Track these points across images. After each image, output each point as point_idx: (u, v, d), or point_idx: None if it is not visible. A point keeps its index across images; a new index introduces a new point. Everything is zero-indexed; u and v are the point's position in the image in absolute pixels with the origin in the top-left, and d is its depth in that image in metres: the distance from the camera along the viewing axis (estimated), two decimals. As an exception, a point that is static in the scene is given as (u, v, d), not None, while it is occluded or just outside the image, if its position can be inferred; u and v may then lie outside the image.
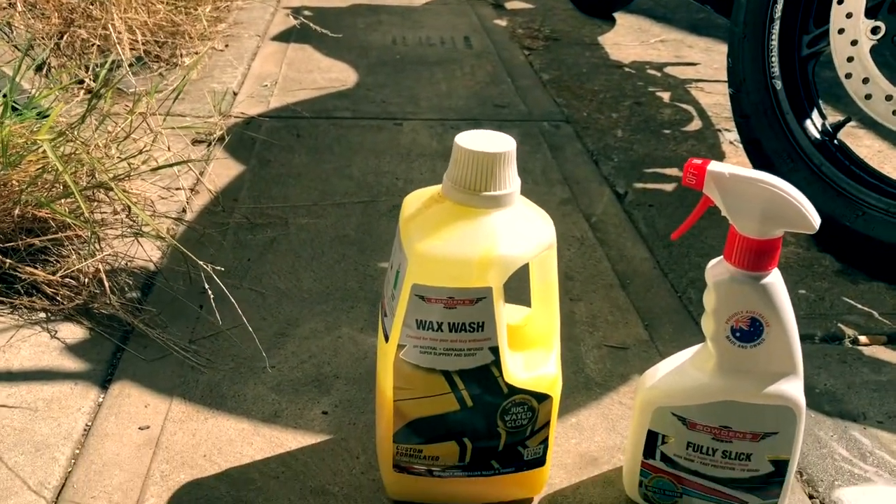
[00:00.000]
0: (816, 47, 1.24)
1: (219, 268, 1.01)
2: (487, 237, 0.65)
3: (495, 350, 0.68)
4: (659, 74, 2.01)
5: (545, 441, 0.73)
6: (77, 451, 0.80)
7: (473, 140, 0.66)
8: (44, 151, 1.03)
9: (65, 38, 1.61)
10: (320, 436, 0.83)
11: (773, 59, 1.26)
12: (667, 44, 2.26)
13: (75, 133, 1.05)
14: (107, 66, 1.21)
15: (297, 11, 2.33)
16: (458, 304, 0.65)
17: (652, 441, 0.73)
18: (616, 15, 2.51)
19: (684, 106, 1.79)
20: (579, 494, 0.78)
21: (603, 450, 0.83)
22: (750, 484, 0.72)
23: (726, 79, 1.33)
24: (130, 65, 1.59)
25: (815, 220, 0.63)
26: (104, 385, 0.89)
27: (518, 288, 0.73)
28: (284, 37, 2.11)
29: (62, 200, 1.03)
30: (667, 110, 1.76)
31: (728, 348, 0.68)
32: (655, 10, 2.59)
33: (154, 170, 1.12)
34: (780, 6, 1.25)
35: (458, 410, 0.70)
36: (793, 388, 0.68)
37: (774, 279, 0.66)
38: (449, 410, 0.70)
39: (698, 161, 0.66)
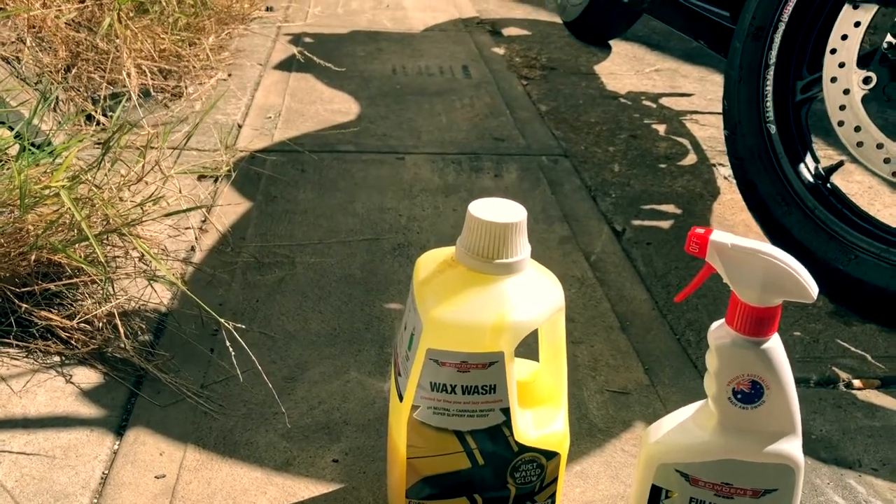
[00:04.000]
0: (810, 92, 1.27)
1: (228, 308, 1.04)
2: (500, 304, 0.68)
3: (506, 411, 0.70)
4: (654, 105, 2.04)
5: (553, 496, 0.76)
6: (95, 501, 0.82)
7: (486, 209, 0.69)
8: (58, 195, 1.05)
9: (73, 71, 1.63)
10: (332, 485, 0.86)
11: (768, 103, 1.29)
12: (661, 73, 2.30)
13: (89, 177, 1.07)
14: (121, 106, 1.24)
15: (297, 39, 2.36)
16: (471, 367, 0.68)
17: (655, 496, 0.76)
18: (612, 43, 2.55)
19: (679, 139, 1.83)
20: (584, 544, 0.81)
21: (607, 498, 0.86)
22: (750, 537, 0.75)
23: (721, 117, 1.36)
24: (137, 97, 1.62)
25: (813, 290, 0.66)
26: (119, 432, 0.91)
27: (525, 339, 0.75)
28: (286, 65, 2.14)
29: (76, 245, 1.05)
30: (662, 143, 1.80)
31: (730, 409, 0.71)
32: (651, 37, 2.63)
33: (167, 215, 1.15)
34: (774, 53, 1.28)
35: (469, 468, 0.72)
36: (792, 447, 0.71)
37: (774, 344, 0.69)
38: (461, 468, 0.72)
39: (701, 231, 0.69)
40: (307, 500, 0.84)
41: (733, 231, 1.41)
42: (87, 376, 0.99)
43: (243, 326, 1.05)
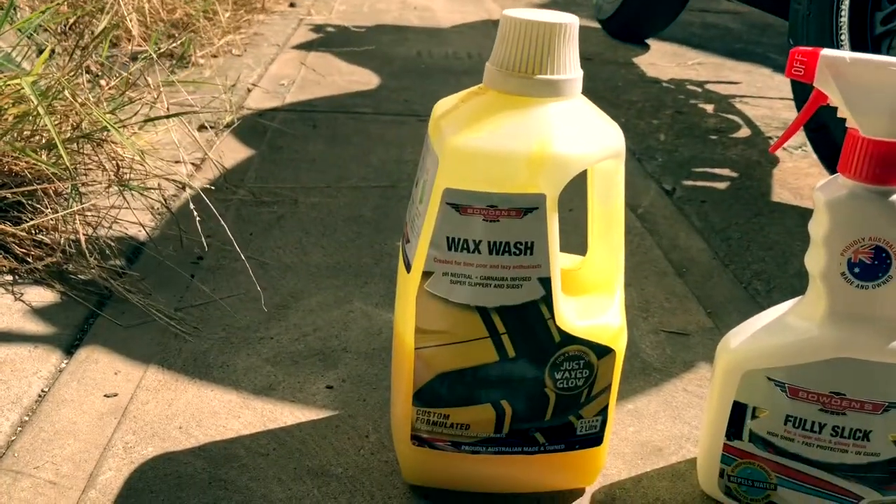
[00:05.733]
0: (892, 24, 1.11)
1: (217, 238, 0.88)
2: (541, 130, 0.51)
3: (546, 282, 0.53)
4: (700, 90, 1.89)
5: (604, 412, 0.58)
6: (26, 419, 0.66)
7: (526, 13, 0.53)
8: (26, 101, 0.91)
9: (71, 22, 1.52)
10: (323, 412, 0.68)
11: (843, 37, 1.13)
12: (705, 66, 2.15)
13: (62, 84, 0.93)
14: (102, 25, 1.10)
15: (319, 28, 2.25)
16: (501, 215, 0.51)
17: (739, 416, 0.58)
18: (650, 41, 2.41)
19: (730, 116, 1.66)
20: (642, 488, 0.62)
21: (668, 439, 0.68)
22: (867, 472, 0.56)
23: (774, 102, 1.20)
24: (134, 57, 1.49)
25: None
26: (70, 350, 0.75)
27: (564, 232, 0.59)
28: (305, 46, 2.02)
29: (42, 153, 0.90)
30: (711, 119, 1.64)
31: (844, 289, 0.53)
32: (690, 38, 2.49)
33: (149, 121, 1.00)
34: (849, -19, 1.13)
35: (496, 362, 0.55)
36: (928, 341, 0.53)
37: (906, 197, 0.52)
38: (485, 362, 0.55)
39: (807, 48, 0.53)
40: (291, 426, 0.66)
41: (799, 194, 1.24)
42: (41, 295, 0.83)
43: (230, 254, 0.89)
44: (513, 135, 0.51)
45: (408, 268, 0.55)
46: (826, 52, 0.52)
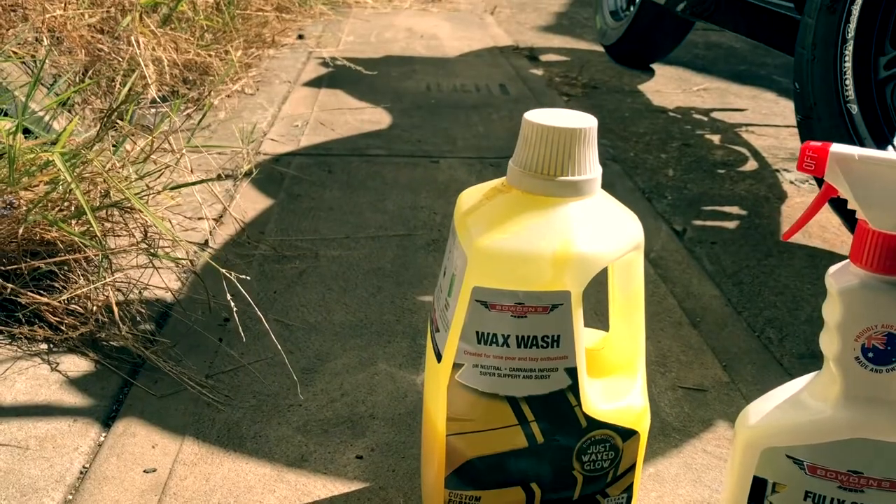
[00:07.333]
0: (895, 69, 1.14)
1: (246, 295, 0.91)
2: (564, 230, 0.54)
3: (573, 372, 0.56)
4: (706, 119, 1.91)
5: (629, 489, 0.61)
6: (70, 497, 0.68)
7: (547, 116, 0.55)
8: (55, 170, 0.94)
9: (90, 72, 1.55)
10: (354, 483, 0.71)
11: (848, 81, 1.15)
12: (710, 91, 2.17)
13: (90, 153, 0.96)
14: (127, 86, 1.13)
15: (328, 62, 2.28)
16: (528, 311, 0.54)
17: (759, 491, 0.60)
18: (654, 66, 2.44)
19: (736, 147, 1.69)
20: (666, 557, 0.65)
21: (690, 504, 0.70)
22: (885, 545, 0.58)
23: (780, 129, 1.23)
24: (153, 101, 1.52)
25: (971, 208, 0.51)
26: (107, 423, 0.78)
27: (588, 305, 0.61)
28: (316, 83, 2.05)
29: (72, 222, 0.93)
30: (718, 151, 1.66)
31: (858, 373, 0.56)
32: (695, 62, 2.52)
33: (174, 188, 1.03)
34: (853, 26, 1.15)
35: (525, 448, 0.57)
36: (941, 422, 0.56)
37: (916, 285, 0.54)
38: (514, 448, 0.57)
39: (817, 143, 0.55)
40: (324, 499, 0.69)
41: (808, 233, 1.26)
42: (76, 364, 0.85)
43: (258, 314, 0.91)
44: (537, 235, 0.54)
45: (438, 357, 0.58)
46: (836, 148, 0.54)
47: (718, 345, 0.95)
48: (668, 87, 2.22)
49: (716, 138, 1.75)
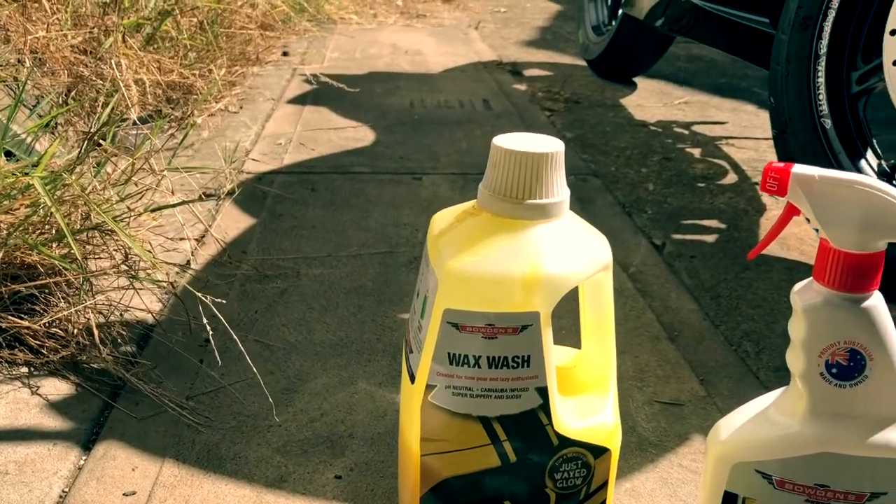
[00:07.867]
0: (867, 84, 1.16)
1: (222, 319, 0.91)
2: (533, 252, 0.55)
3: (543, 391, 0.56)
4: (686, 132, 1.93)
5: (602, 505, 0.61)
6: (49, 522, 0.69)
7: (515, 141, 0.56)
8: (36, 194, 0.95)
9: (72, 93, 1.56)
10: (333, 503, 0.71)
11: (821, 96, 1.17)
12: (691, 105, 2.19)
13: (70, 176, 0.96)
14: (108, 108, 1.14)
15: (312, 79, 2.30)
16: (499, 332, 0.55)
17: (730, 505, 0.61)
18: (636, 80, 2.46)
19: (716, 161, 1.71)
20: (641, 572, 0.65)
21: (665, 519, 0.71)
22: (853, 558, 0.59)
23: (759, 142, 1.25)
24: (135, 122, 1.53)
25: (928, 226, 0.53)
26: (87, 446, 0.78)
27: (559, 325, 0.62)
28: (300, 100, 2.06)
29: (53, 245, 0.94)
30: (699, 165, 1.68)
31: (822, 388, 0.57)
32: (677, 74, 2.54)
33: (155, 210, 1.03)
34: (825, 42, 1.17)
35: (498, 467, 0.58)
36: (904, 436, 0.57)
37: (877, 302, 0.56)
38: (488, 467, 0.58)
39: (779, 164, 0.57)
40: (302, 520, 0.69)
41: (785, 246, 1.28)
42: (57, 388, 0.86)
43: (237, 335, 0.92)
44: (507, 257, 0.55)
45: (412, 379, 0.59)
46: (797, 169, 0.56)
47: (696, 359, 0.96)
48: (650, 100, 2.24)
49: (696, 152, 1.77)
